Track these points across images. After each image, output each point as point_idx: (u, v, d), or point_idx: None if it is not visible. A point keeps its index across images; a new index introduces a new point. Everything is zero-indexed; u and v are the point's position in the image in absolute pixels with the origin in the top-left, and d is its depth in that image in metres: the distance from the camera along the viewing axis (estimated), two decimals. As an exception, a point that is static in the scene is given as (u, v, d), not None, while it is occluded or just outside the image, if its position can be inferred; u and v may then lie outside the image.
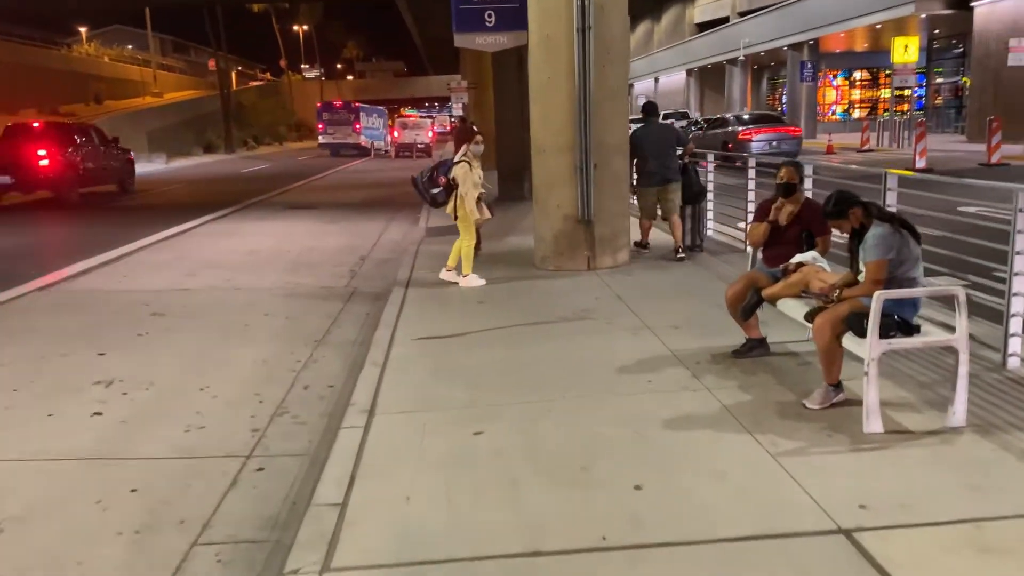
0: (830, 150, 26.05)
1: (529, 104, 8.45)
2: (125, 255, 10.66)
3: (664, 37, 57.35)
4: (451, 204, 7.92)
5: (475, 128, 8.47)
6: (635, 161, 8.80)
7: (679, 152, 9.14)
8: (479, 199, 7.96)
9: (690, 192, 9.03)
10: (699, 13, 51.21)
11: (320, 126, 44.44)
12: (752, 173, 8.83)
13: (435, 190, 8.00)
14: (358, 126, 43.17)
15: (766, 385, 4.64)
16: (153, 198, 19.97)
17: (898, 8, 26.98)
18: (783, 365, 5.00)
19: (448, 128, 41.79)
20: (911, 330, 3.94)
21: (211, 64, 72.47)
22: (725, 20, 45.38)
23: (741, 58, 40.90)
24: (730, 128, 23.18)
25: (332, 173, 29.14)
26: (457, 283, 7.90)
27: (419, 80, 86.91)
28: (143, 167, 29.58)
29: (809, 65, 35.32)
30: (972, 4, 26.29)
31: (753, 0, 41.86)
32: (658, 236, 9.79)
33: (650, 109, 9.17)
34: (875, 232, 4.07)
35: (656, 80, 57.37)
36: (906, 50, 25.73)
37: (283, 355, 6.14)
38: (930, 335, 3.96)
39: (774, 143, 21.23)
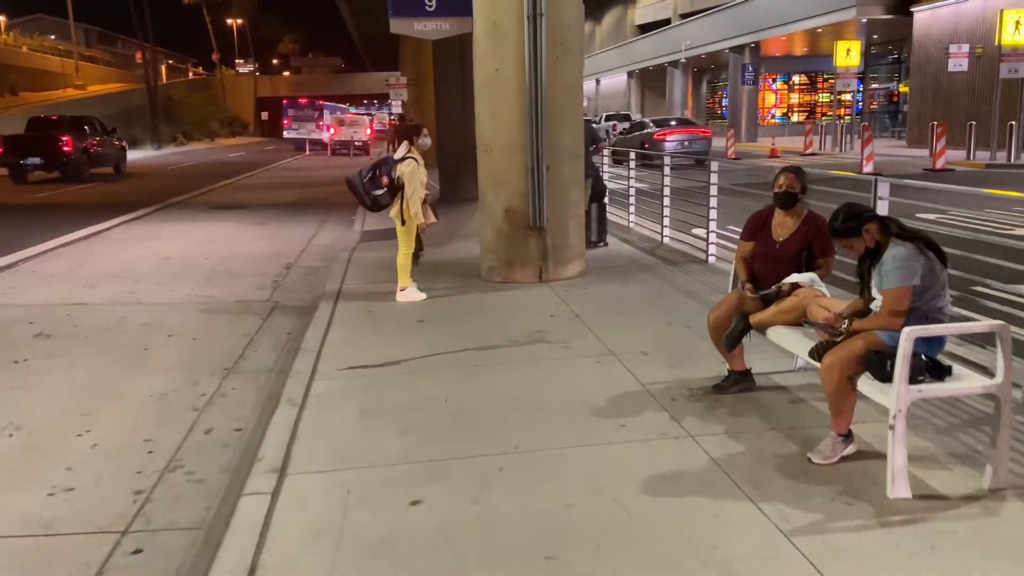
0: (774, 153, 25.93)
1: (474, 99, 7.64)
2: (16, 263, 9.45)
3: (606, 38, 57.20)
4: (396, 207, 7.01)
5: (415, 124, 7.63)
6: None
7: (592, 149, 9.46)
8: (424, 201, 7.09)
9: (593, 191, 9.22)
10: (640, 15, 51.14)
11: (285, 122, 44.19)
12: (714, 178, 8.18)
13: (378, 191, 7.05)
14: (321, 122, 42.56)
15: (758, 430, 3.93)
16: (60, 197, 18.49)
17: (839, 12, 27.03)
18: (773, 403, 4.30)
19: (387, 126, 40.55)
20: (941, 372, 3.27)
21: (139, 56, 69.70)
22: (667, 22, 45.33)
23: (683, 60, 40.82)
24: (647, 130, 25.50)
25: (263, 171, 27.82)
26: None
27: (357, 76, 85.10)
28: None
29: (750, 68, 35.39)
30: (912, 9, 26.50)
31: (695, 2, 41.86)
32: (616, 246, 9.13)
33: None
34: (895, 253, 3.39)
35: (597, 82, 57.13)
36: (848, 54, 25.76)
37: (185, 387, 5.20)
38: (964, 380, 3.29)
39: (685, 143, 23.73)
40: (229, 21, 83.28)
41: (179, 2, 71.90)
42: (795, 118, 44.55)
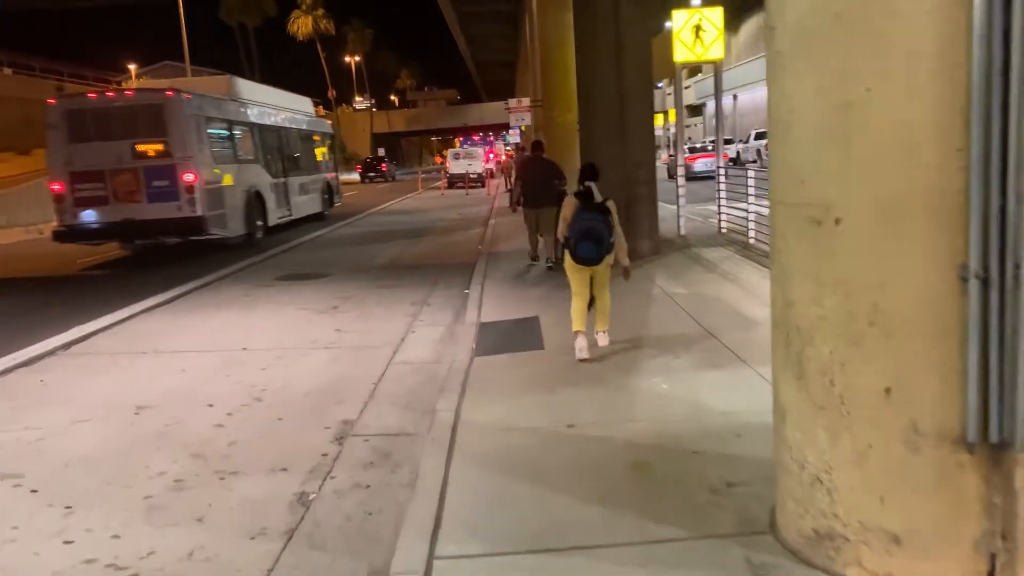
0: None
1: (769, 85, 2.89)
2: None
3: (744, 50, 51.38)
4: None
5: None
6: (519, 185, 11.18)
7: (557, 183, 10.58)
8: None
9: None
10: (787, 20, 45.22)
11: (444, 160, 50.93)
12: None
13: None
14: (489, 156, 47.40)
15: None
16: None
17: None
18: None
19: (506, 157, 36.99)
20: None
21: (260, 97, 69.31)
22: (823, 24, 39.26)
23: (848, 66, 34.68)
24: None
25: (369, 215, 24.00)
26: None
27: (473, 108, 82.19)
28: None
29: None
30: None
31: None
32: None
33: (538, 146, 11.44)
34: None
35: (735, 98, 51.25)
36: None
37: None
38: None
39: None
40: (347, 59, 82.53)
41: (295, 40, 71.28)
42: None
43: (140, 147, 13.82)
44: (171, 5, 43.39)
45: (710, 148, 35.27)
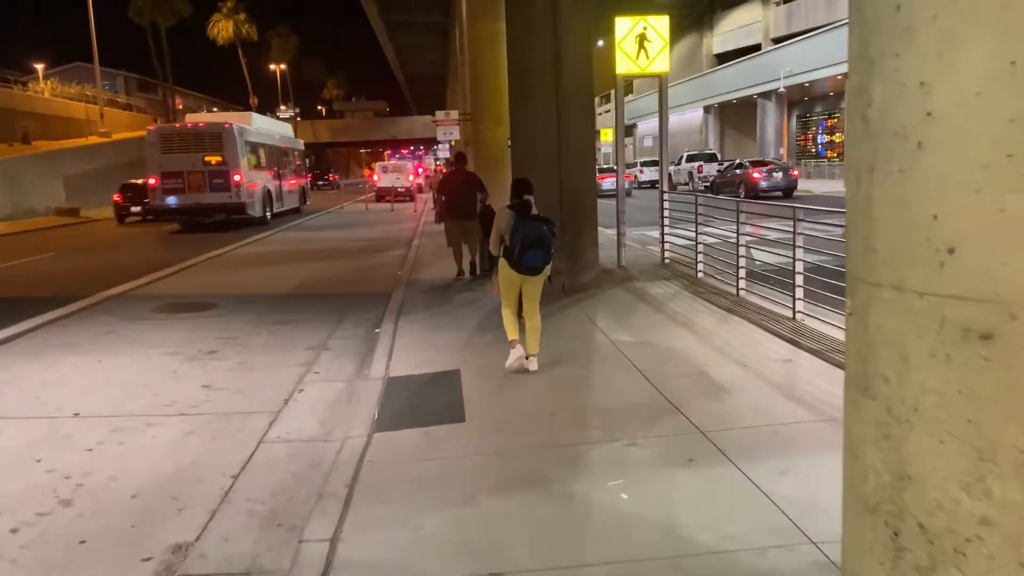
0: None
1: (858, 71, 1.57)
2: None
3: (676, 70, 51.23)
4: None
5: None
6: (443, 198, 11.24)
7: (481, 197, 10.73)
8: None
9: (488, 227, 8.71)
10: (719, 42, 45.29)
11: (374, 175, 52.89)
12: None
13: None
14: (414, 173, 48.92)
15: None
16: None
17: None
18: None
19: (436, 171, 35.63)
20: None
21: (178, 102, 66.08)
22: (755, 48, 39.30)
23: (781, 90, 34.64)
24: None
25: (282, 231, 22.19)
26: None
27: (402, 120, 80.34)
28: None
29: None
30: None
31: (792, 23, 35.80)
32: None
33: (461, 158, 11.58)
34: None
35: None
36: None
37: None
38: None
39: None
40: (272, 67, 79.74)
41: (216, 45, 68.41)
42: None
43: (207, 158, 21.57)
44: (78, 2, 40.61)
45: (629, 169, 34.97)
